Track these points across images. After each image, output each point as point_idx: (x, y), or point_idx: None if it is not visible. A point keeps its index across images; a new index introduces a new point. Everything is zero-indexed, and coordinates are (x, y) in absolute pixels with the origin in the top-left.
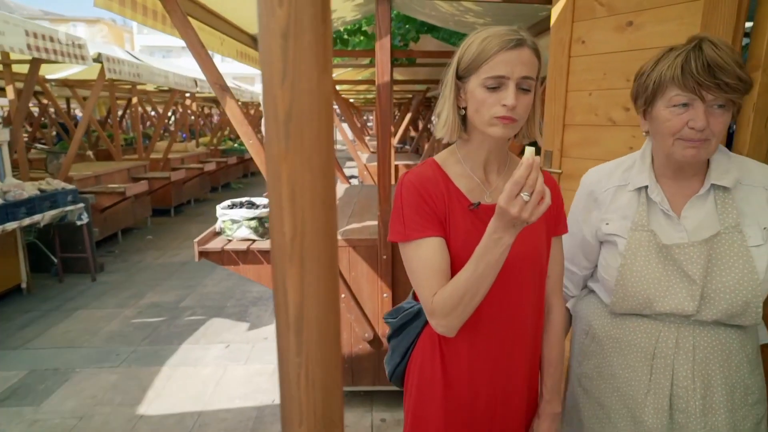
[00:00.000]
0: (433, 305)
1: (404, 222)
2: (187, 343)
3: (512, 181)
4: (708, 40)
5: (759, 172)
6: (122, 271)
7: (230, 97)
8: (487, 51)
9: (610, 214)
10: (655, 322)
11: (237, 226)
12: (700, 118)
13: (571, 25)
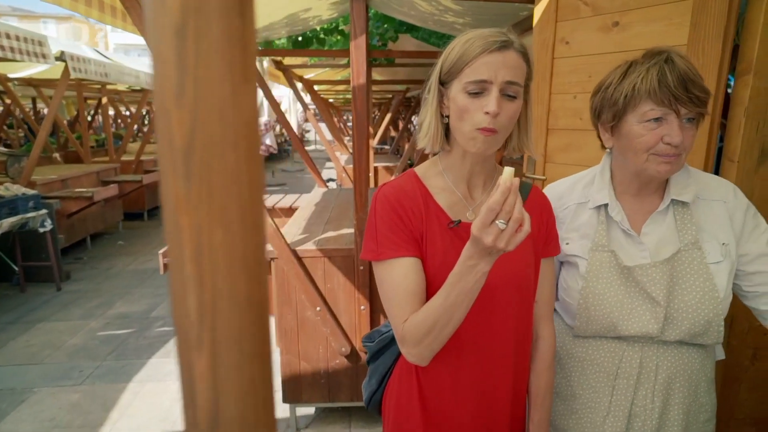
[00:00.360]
0: (403, 332)
1: (377, 239)
2: (156, 356)
3: (487, 206)
4: (675, 53)
5: (715, 186)
6: (90, 279)
7: None
8: (469, 53)
9: (570, 233)
10: (619, 343)
11: None
12: (677, 133)
13: (554, 25)
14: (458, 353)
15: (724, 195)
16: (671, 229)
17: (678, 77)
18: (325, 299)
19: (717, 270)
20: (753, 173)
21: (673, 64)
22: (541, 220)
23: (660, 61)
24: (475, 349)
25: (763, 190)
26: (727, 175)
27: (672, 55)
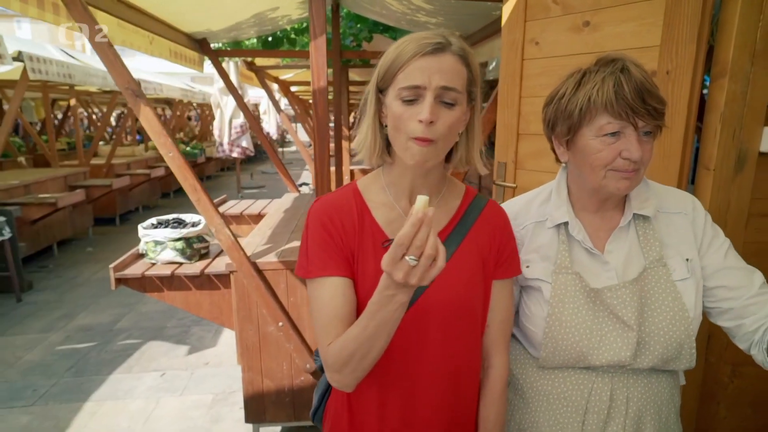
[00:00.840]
0: (325, 356)
1: (308, 256)
2: (117, 372)
3: (396, 240)
4: (629, 61)
5: (674, 198)
6: (54, 288)
7: (144, 103)
8: (402, 57)
9: (530, 254)
10: (588, 374)
11: (161, 248)
12: (636, 147)
13: (523, 24)
14: (386, 379)
15: (684, 207)
16: (635, 245)
17: (635, 88)
18: (288, 314)
19: (684, 288)
20: (730, 182)
21: (629, 74)
22: (492, 238)
23: (616, 71)
24: (405, 376)
25: (740, 199)
26: (702, 184)
27: (627, 64)
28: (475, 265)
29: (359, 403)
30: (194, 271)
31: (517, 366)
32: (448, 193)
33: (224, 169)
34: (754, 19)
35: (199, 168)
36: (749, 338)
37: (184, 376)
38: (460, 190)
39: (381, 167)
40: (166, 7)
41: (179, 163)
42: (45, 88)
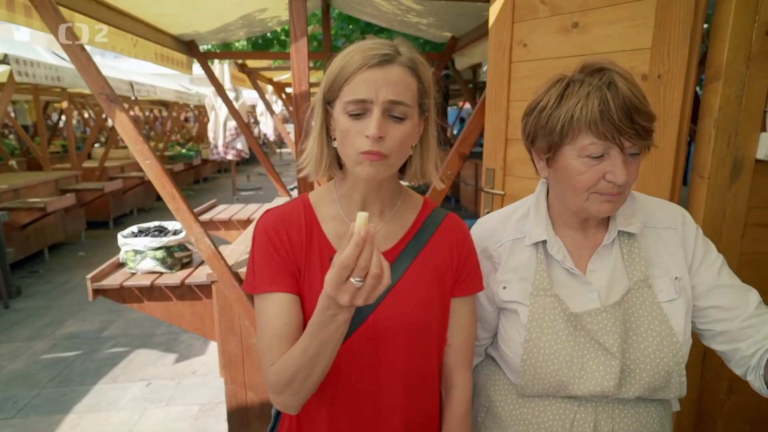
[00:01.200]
0: (268, 377)
1: (254, 271)
2: (102, 382)
3: (339, 263)
4: (617, 73)
5: (663, 211)
6: (43, 294)
7: (120, 109)
8: (347, 69)
9: (507, 274)
10: (570, 403)
11: (141, 257)
12: (621, 171)
13: (511, 26)
14: (337, 401)
15: (673, 221)
16: (619, 265)
17: (622, 106)
18: None
19: (672, 310)
20: (725, 190)
21: (616, 90)
22: (451, 254)
23: (602, 86)
24: (357, 397)
25: (736, 209)
26: (696, 193)
27: (615, 77)
28: (430, 282)
29: (309, 426)
30: (174, 282)
31: (496, 392)
32: (403, 206)
33: (221, 171)
34: (749, 20)
35: (195, 170)
36: (745, 363)
37: (171, 386)
38: (417, 203)
39: (333, 180)
40: (149, 9)
41: (157, 171)
42: (36, 90)
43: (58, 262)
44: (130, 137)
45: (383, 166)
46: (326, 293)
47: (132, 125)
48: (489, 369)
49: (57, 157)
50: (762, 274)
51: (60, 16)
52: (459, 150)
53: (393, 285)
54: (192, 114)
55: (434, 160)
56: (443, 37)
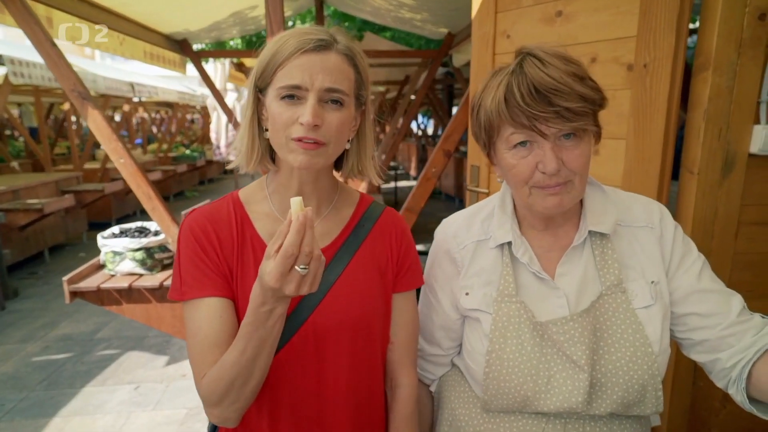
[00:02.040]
0: (201, 390)
1: (180, 276)
2: (91, 384)
3: (282, 253)
4: (531, 55)
5: (639, 209)
6: (41, 295)
7: (92, 107)
8: (281, 53)
9: (469, 279)
10: (538, 420)
11: (120, 258)
12: (550, 158)
13: (494, 16)
14: (278, 407)
15: (650, 219)
16: (591, 268)
17: (529, 90)
18: None
19: (648, 317)
20: (717, 187)
21: (522, 75)
22: (390, 248)
23: (510, 72)
24: (300, 402)
25: (729, 206)
26: (686, 189)
27: (526, 59)
28: (371, 278)
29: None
30: (153, 284)
31: (459, 404)
32: (340, 201)
33: (226, 172)
34: (740, 4)
35: (200, 171)
36: (726, 375)
37: (159, 390)
38: (354, 198)
39: (266, 175)
40: (135, 7)
41: (132, 170)
42: (37, 92)
43: (58, 263)
44: (103, 135)
45: (320, 155)
46: (268, 286)
47: (105, 123)
48: (454, 380)
49: (62, 159)
50: (759, 276)
51: (30, 14)
52: (443, 147)
53: (333, 282)
54: (198, 115)
55: (371, 154)
56: (439, 34)
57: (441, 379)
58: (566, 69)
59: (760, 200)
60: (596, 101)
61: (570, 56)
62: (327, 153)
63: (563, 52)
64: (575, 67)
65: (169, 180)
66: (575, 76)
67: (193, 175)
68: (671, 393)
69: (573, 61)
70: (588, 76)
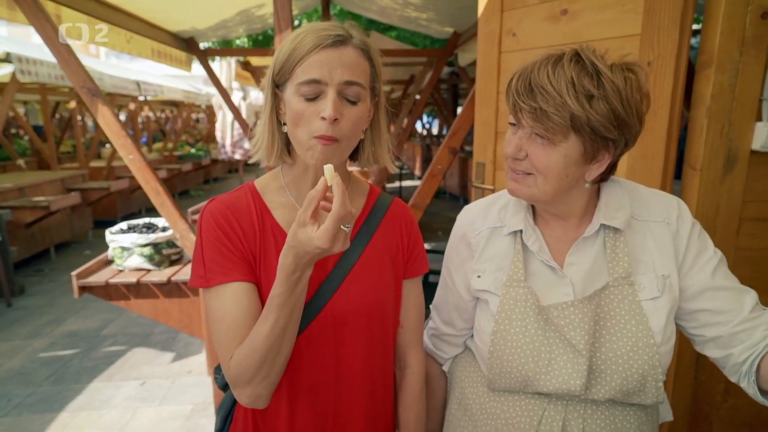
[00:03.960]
0: (231, 371)
1: (204, 263)
2: (97, 380)
3: (333, 217)
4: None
5: (657, 204)
6: (46, 292)
7: (102, 103)
8: (299, 49)
9: (483, 263)
10: (540, 400)
11: (128, 254)
12: (510, 142)
13: (500, 15)
14: (296, 392)
15: (667, 215)
16: (600, 259)
17: (524, 82)
18: None
19: (653, 308)
20: (718, 184)
21: (532, 68)
22: (401, 236)
23: (531, 64)
24: (318, 388)
25: (730, 202)
26: (688, 186)
27: (541, 64)
28: (384, 265)
29: (266, 424)
30: (161, 279)
31: (469, 384)
32: (352, 191)
33: (231, 171)
34: (743, 3)
35: (205, 170)
36: (738, 369)
37: (165, 386)
38: (364, 188)
39: (280, 168)
40: (142, 5)
41: (140, 166)
42: (43, 90)
43: (63, 260)
44: (112, 131)
45: (336, 150)
46: (319, 248)
47: (114, 119)
48: (466, 361)
49: (68, 157)
50: (760, 272)
51: (41, 11)
52: (449, 144)
53: (350, 269)
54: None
55: (386, 143)
56: (445, 33)
57: (453, 361)
58: (576, 77)
59: (762, 197)
60: (581, 120)
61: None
62: (341, 149)
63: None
64: (594, 83)
65: (174, 178)
66: (581, 89)
67: (198, 174)
68: (673, 387)
69: (606, 77)
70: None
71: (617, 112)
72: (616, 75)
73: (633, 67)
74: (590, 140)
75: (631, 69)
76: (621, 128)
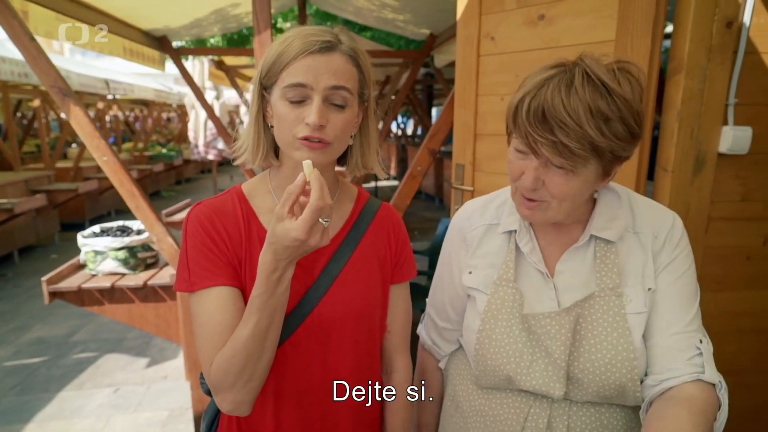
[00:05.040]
0: (212, 376)
1: (189, 267)
2: (67, 389)
3: (311, 208)
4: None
5: (651, 216)
6: (10, 298)
7: (74, 103)
8: (286, 54)
9: (475, 260)
10: (526, 398)
11: (101, 258)
12: (528, 178)
13: (479, 18)
14: (282, 401)
15: (658, 228)
16: (591, 268)
17: (536, 112)
18: None
19: (637, 323)
20: (688, 184)
21: (540, 91)
22: (389, 241)
23: (541, 82)
24: (304, 394)
25: (700, 202)
26: (661, 186)
27: (555, 78)
28: (372, 270)
29: (252, 430)
30: (137, 283)
31: (460, 381)
32: (341, 196)
33: (204, 172)
34: (709, 12)
35: (177, 170)
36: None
37: (140, 392)
38: (353, 193)
39: (267, 170)
40: (113, 2)
41: (115, 167)
42: (5, 88)
43: (28, 265)
44: (85, 132)
45: (325, 153)
46: (295, 240)
47: (87, 120)
48: (458, 359)
49: (31, 157)
50: (727, 269)
51: (8, 6)
52: (428, 146)
53: (337, 274)
54: (174, 114)
55: (375, 149)
56: (421, 35)
57: (448, 358)
58: (591, 102)
59: (728, 197)
60: (603, 149)
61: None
62: (332, 151)
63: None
64: (608, 104)
65: (145, 179)
66: (598, 114)
67: (169, 175)
68: None
69: (617, 93)
70: (623, 117)
71: (632, 130)
72: (623, 87)
73: (631, 69)
74: (608, 161)
75: (630, 72)
76: (635, 142)
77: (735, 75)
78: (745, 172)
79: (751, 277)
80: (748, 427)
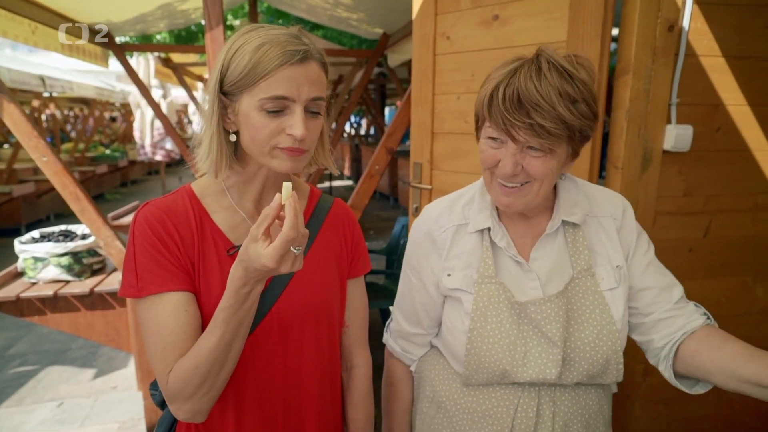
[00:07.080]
0: (169, 386)
1: (136, 272)
2: (5, 405)
3: (283, 238)
4: (542, 59)
5: (604, 200)
6: None
7: (8, 100)
8: (265, 64)
9: (451, 261)
10: (514, 389)
11: (42, 264)
12: (507, 164)
13: (434, 18)
14: (243, 402)
15: (614, 210)
16: (563, 253)
17: (512, 98)
18: None
19: (612, 298)
20: (637, 181)
21: (513, 80)
22: (344, 237)
23: (509, 72)
24: (266, 394)
25: (647, 197)
26: (612, 182)
27: (522, 68)
28: (329, 265)
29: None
30: (83, 290)
31: (440, 382)
32: (297, 193)
33: (151, 173)
34: (653, 16)
35: (122, 172)
36: (657, 354)
37: (86, 405)
38: (305, 190)
39: None
40: None
41: (56, 169)
42: None
43: None
44: (22, 132)
45: (303, 160)
46: (264, 267)
47: (24, 118)
48: (433, 359)
49: None
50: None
51: None
52: (386, 144)
53: (293, 272)
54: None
55: (328, 146)
56: (375, 34)
57: (421, 360)
58: (560, 86)
59: (672, 192)
60: (575, 127)
61: (577, 73)
62: (307, 157)
63: (575, 64)
64: (573, 87)
65: (88, 181)
66: (566, 96)
67: (114, 177)
68: None
69: (578, 78)
70: (586, 99)
71: (593, 110)
72: (581, 73)
73: (583, 60)
74: (577, 141)
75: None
76: (596, 120)
77: (677, 76)
78: (687, 169)
79: (694, 267)
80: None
